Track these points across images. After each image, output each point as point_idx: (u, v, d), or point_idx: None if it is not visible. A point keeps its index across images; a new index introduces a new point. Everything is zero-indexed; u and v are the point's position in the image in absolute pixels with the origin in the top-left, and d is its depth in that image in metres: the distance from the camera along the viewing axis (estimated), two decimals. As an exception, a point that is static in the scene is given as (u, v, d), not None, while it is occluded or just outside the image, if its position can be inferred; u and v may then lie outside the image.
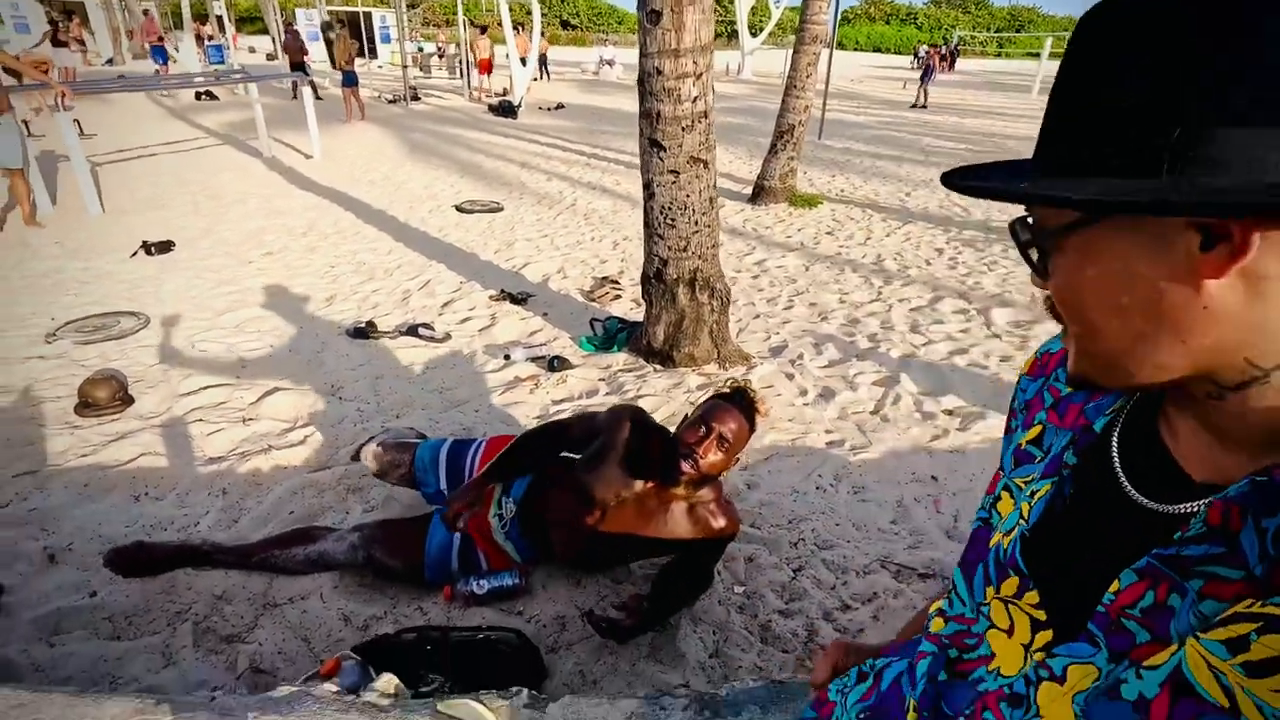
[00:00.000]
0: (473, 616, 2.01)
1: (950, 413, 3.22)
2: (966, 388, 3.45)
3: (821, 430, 3.03)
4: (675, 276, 3.35)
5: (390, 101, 16.15)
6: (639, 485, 1.94)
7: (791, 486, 2.63)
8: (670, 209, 3.19)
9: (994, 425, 3.07)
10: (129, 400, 3.17)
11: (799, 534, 2.36)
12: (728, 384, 1.95)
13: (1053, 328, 0.55)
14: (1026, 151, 0.51)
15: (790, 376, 3.52)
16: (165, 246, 5.55)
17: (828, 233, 6.58)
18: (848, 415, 3.20)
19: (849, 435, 3.00)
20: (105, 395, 3.11)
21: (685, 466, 1.80)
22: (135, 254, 5.37)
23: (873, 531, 2.40)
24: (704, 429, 1.81)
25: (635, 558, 2.15)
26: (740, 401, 1.87)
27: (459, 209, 7.16)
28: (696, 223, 3.24)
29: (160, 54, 15.26)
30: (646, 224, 3.36)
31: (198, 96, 15.37)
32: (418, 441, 2.32)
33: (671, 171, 3.10)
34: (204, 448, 2.84)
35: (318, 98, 16.11)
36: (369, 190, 7.99)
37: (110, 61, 20.10)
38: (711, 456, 1.80)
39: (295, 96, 18.13)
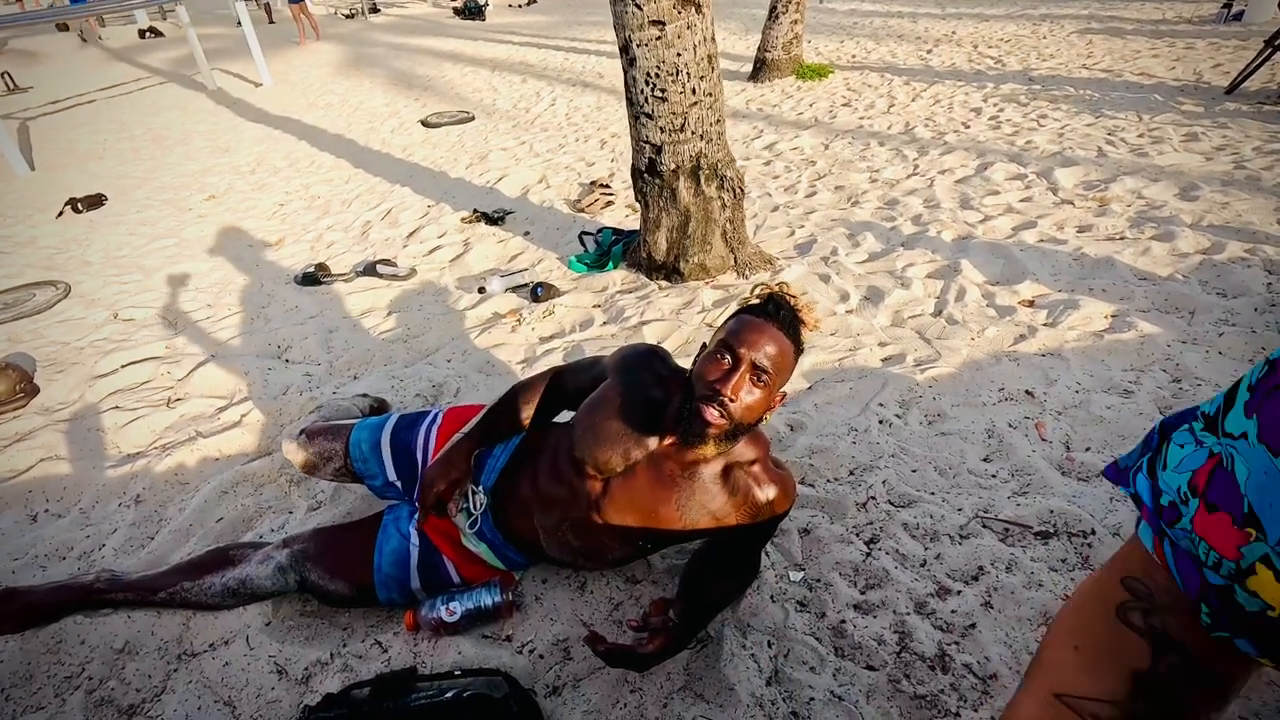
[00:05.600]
0: (446, 650, 1.50)
1: (1031, 303, 2.58)
2: (1044, 269, 2.79)
3: (874, 343, 2.42)
4: (673, 166, 2.63)
5: (347, 16, 14.85)
6: (653, 443, 1.38)
7: (847, 423, 2.05)
8: (658, 76, 2.43)
9: (1090, 315, 2.44)
10: (33, 391, 2.64)
11: (866, 489, 1.80)
12: (756, 290, 1.35)
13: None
14: None
15: (825, 279, 2.88)
16: (96, 201, 4.91)
17: (844, 104, 5.73)
18: (904, 320, 2.57)
19: (910, 347, 2.39)
20: (3, 389, 2.58)
21: (709, 414, 1.22)
22: (61, 213, 4.74)
23: (962, 476, 1.83)
24: (729, 358, 1.24)
25: (655, 547, 1.56)
26: (776, 312, 1.28)
27: (425, 124, 6.38)
28: (694, 90, 2.48)
29: None
30: (630, 101, 2.62)
31: (141, 35, 14.24)
32: (351, 424, 1.76)
33: (654, 23, 2.31)
34: (118, 443, 2.32)
35: (270, 21, 14.86)
36: (324, 114, 7.17)
37: (51, 5, 18.77)
38: (745, 397, 1.23)
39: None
